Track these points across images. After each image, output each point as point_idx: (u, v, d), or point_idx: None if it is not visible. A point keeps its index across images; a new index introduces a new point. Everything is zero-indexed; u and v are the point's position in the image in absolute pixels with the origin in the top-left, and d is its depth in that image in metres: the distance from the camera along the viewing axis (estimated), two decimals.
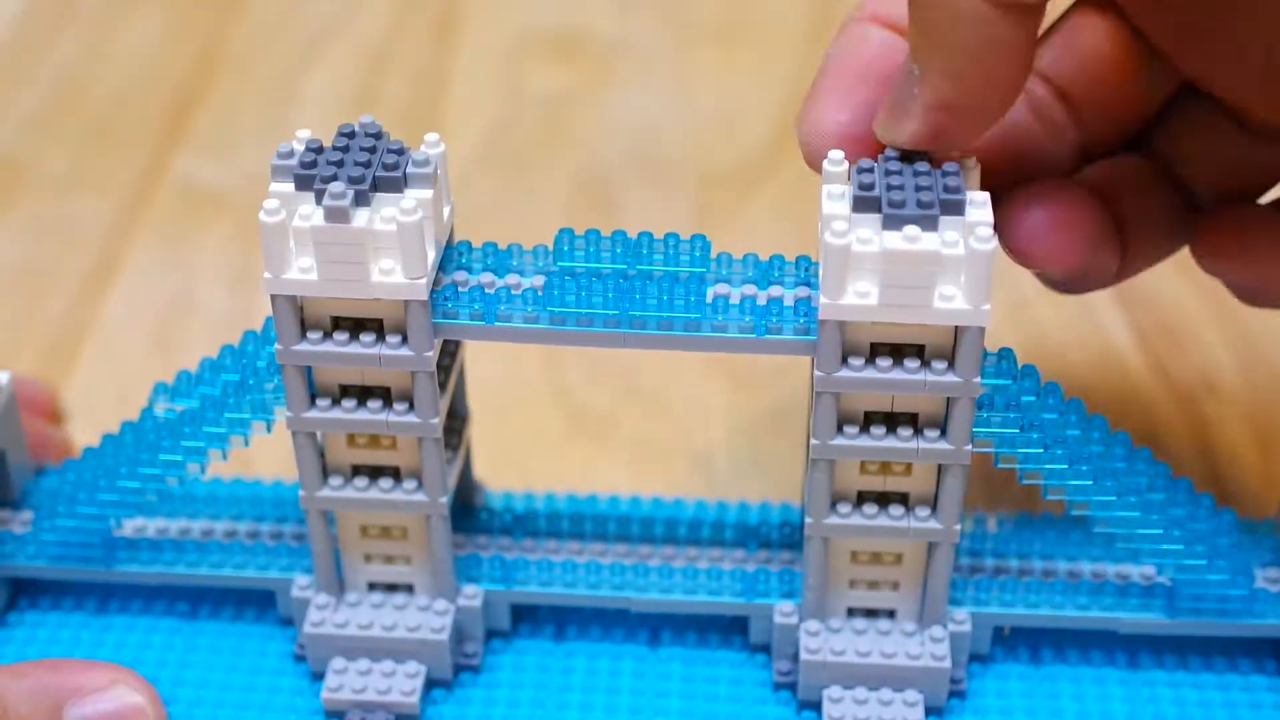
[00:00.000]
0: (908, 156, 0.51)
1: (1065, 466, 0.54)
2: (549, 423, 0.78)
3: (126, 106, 1.02)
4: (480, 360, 0.64)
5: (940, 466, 0.54)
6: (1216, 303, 0.84)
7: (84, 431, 0.75)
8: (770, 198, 0.93)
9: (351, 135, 0.53)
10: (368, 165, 0.52)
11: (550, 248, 0.54)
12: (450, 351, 0.59)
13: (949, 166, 0.51)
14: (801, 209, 0.89)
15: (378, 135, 0.53)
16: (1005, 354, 0.55)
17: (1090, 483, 0.55)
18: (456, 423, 0.61)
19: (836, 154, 0.52)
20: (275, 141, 0.49)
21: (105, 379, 0.80)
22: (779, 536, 0.63)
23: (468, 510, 0.64)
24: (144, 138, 0.99)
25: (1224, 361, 0.80)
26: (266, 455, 0.71)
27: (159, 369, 0.80)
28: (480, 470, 0.66)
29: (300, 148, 0.53)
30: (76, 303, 0.85)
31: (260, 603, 0.64)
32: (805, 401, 0.73)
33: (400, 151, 0.53)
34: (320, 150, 0.52)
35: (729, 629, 0.62)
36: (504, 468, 0.68)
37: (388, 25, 1.11)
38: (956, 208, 0.49)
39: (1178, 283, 0.85)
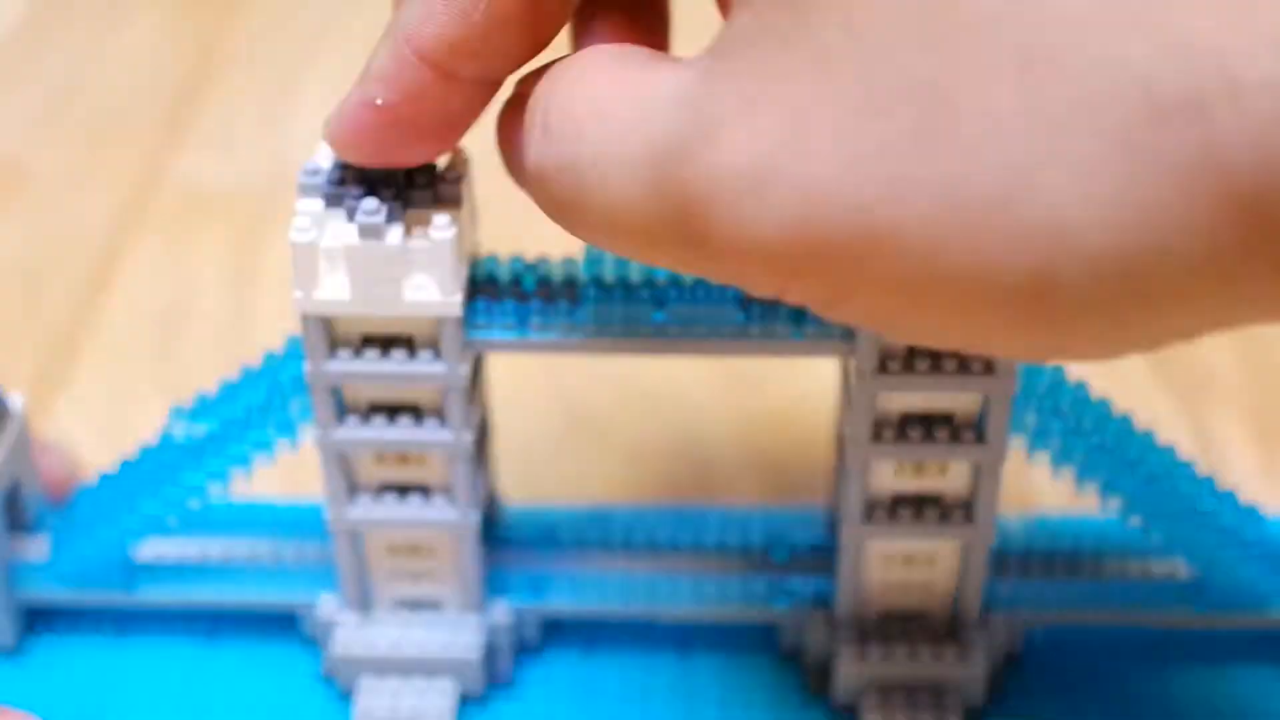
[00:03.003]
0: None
1: (1100, 461, 0.55)
2: (546, 422, 0.77)
3: (126, 106, 1.01)
4: None
5: (976, 465, 0.54)
6: None
7: (83, 430, 0.75)
8: None
9: None
10: (398, 183, 0.51)
11: (579, 259, 0.54)
12: (476, 366, 0.58)
13: None
14: None
15: None
16: None
17: (1124, 476, 0.55)
18: (482, 437, 0.61)
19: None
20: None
21: (104, 379, 0.79)
22: (807, 543, 0.62)
23: (491, 524, 0.63)
24: (144, 138, 0.97)
25: (1224, 361, 0.79)
26: (264, 478, 0.70)
27: (159, 369, 0.79)
28: None
29: (326, 165, 0.52)
30: (76, 303, 0.84)
31: (282, 624, 0.63)
32: (807, 402, 0.73)
33: (429, 168, 0.52)
34: (348, 167, 0.52)
35: (760, 636, 0.62)
36: (501, 468, 0.67)
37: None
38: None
39: None
